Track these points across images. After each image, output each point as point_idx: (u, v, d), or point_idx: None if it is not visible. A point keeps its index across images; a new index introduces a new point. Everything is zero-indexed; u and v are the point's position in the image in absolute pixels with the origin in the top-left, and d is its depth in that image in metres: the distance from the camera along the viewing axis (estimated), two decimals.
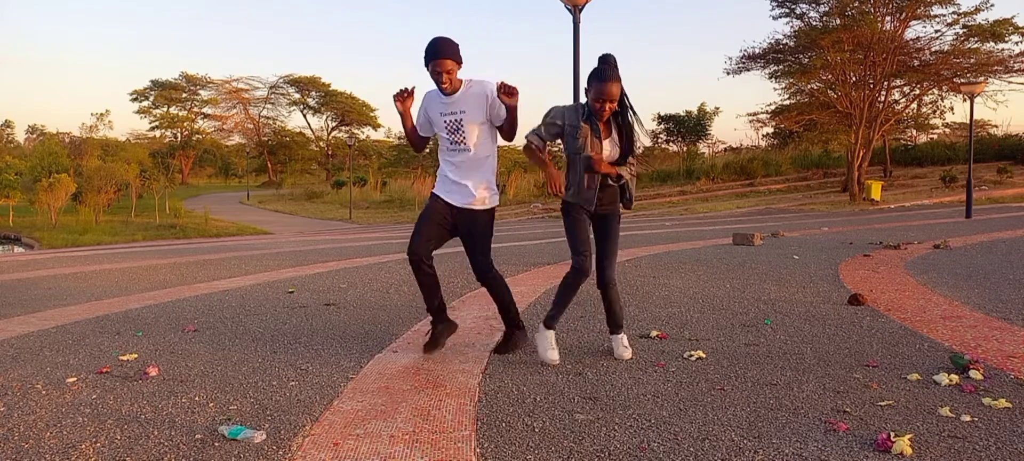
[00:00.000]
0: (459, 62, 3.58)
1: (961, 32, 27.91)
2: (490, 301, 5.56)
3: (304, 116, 77.61)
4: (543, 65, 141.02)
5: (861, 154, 28.73)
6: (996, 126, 39.97)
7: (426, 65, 3.55)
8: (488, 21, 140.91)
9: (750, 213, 24.47)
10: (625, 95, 3.58)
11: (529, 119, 18.68)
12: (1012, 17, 27.06)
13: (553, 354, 3.65)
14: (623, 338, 3.82)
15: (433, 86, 3.68)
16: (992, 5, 31.18)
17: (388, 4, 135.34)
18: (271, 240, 18.38)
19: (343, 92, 68.68)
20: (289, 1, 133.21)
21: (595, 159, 3.51)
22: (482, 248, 3.73)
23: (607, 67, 3.49)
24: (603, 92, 3.44)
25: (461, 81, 3.64)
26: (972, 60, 27.85)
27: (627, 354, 3.75)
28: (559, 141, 3.73)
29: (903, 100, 32.04)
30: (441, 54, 3.50)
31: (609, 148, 3.58)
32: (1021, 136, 36.37)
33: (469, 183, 3.67)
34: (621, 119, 3.60)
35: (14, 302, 5.94)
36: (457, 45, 3.58)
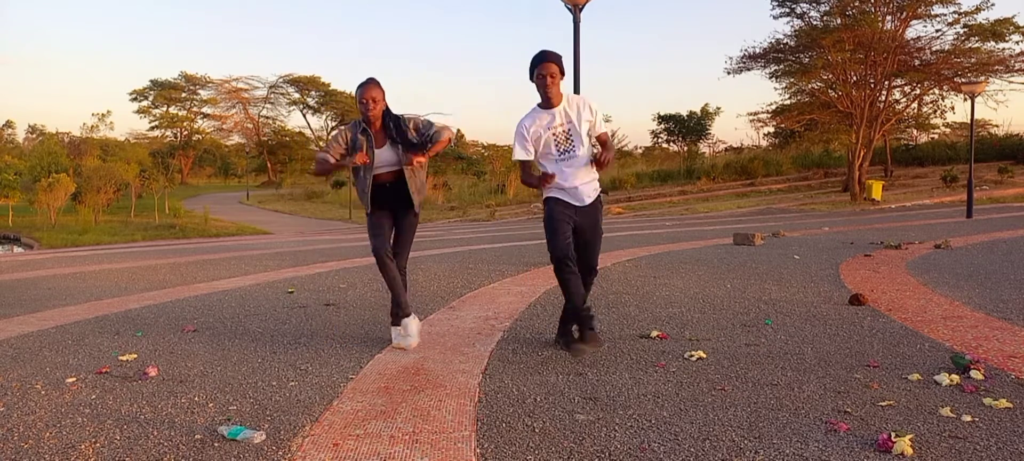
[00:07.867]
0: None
1: (962, 31, 27.87)
2: (490, 301, 5.56)
3: (304, 116, 77.60)
4: None
5: (862, 154, 28.69)
6: (997, 126, 39.86)
7: (532, 71, 3.77)
8: (487, 20, 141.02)
9: (751, 213, 24.45)
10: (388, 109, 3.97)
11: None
12: (1013, 16, 27.01)
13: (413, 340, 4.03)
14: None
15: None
16: (993, 4, 31.19)
17: (388, 3, 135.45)
18: (271, 240, 18.38)
19: (343, 92, 68.68)
20: (289, 0, 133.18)
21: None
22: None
23: (368, 78, 3.96)
24: (365, 94, 3.89)
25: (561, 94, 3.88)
26: (973, 59, 27.79)
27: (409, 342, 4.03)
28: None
29: (904, 100, 31.98)
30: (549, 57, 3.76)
31: (389, 153, 3.97)
32: (1022, 136, 36.24)
33: (590, 181, 3.90)
34: (392, 125, 3.95)
35: (14, 302, 5.94)
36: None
